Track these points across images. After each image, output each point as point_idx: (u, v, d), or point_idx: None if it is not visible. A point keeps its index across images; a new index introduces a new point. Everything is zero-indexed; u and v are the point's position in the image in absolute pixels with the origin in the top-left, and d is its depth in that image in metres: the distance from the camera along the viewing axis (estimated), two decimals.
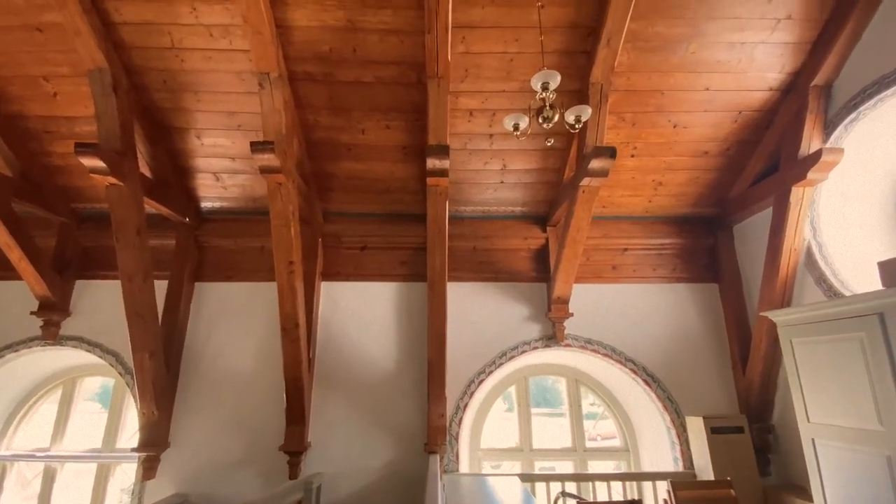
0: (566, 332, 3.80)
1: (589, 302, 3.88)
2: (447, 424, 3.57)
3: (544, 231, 3.92)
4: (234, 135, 3.31)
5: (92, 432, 4.12)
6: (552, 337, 3.81)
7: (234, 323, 3.77)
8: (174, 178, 3.57)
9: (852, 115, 2.85)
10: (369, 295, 3.87)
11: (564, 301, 3.73)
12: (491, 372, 3.77)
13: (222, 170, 3.55)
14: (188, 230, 3.79)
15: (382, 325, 3.81)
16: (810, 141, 3.04)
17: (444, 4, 2.55)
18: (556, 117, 2.25)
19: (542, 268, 3.96)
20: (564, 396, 4.27)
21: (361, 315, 3.82)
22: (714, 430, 3.29)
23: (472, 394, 3.72)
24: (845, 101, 2.89)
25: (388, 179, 3.60)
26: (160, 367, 3.40)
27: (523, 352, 3.81)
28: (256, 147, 2.72)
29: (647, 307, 3.89)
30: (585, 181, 2.99)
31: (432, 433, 3.45)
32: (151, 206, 3.42)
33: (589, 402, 4.36)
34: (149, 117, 3.24)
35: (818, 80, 2.96)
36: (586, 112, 2.29)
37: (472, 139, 3.39)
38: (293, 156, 3.11)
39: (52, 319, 3.69)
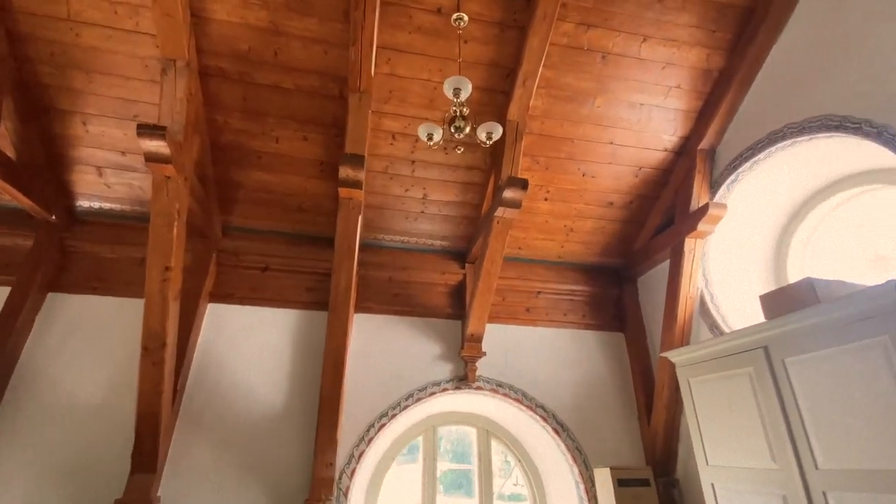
0: (478, 373, 3.60)
1: (502, 343, 3.75)
2: (336, 476, 3.08)
3: (463, 267, 3.85)
4: (127, 126, 3.00)
5: None
6: (463, 378, 3.58)
7: (89, 343, 3.14)
8: (47, 166, 3.10)
9: (732, 176, 3.20)
10: (264, 322, 3.45)
11: (478, 339, 3.57)
12: (395, 416, 3.40)
13: (108, 164, 3.15)
14: (53, 230, 3.24)
15: (275, 358, 3.37)
16: (699, 198, 3.34)
17: (369, 18, 2.60)
18: (468, 129, 2.26)
19: (458, 304, 3.82)
20: (474, 449, 3.94)
21: (251, 344, 3.37)
22: (621, 483, 3.13)
23: (370, 441, 3.29)
24: (726, 163, 3.26)
25: (301, 196, 3.39)
26: None
27: (432, 394, 3.51)
28: (144, 130, 2.44)
29: (558, 352, 3.83)
30: (500, 211, 3.00)
31: (316, 486, 2.95)
32: (7, 194, 2.90)
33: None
34: (26, 91, 2.85)
35: (704, 144, 3.34)
36: (497, 130, 2.33)
37: (393, 163, 3.34)
38: (191, 152, 2.84)
39: None
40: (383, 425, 3.34)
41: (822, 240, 3.13)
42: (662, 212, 3.69)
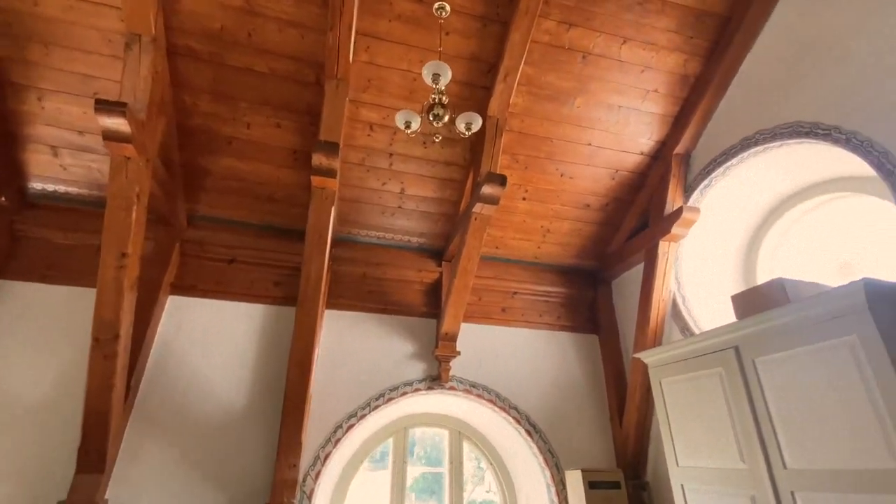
0: (452, 373, 3.53)
1: (477, 343, 3.70)
2: (300, 478, 2.95)
3: (439, 265, 3.78)
4: (86, 104, 2.82)
5: None
6: (437, 378, 3.49)
7: (37, 334, 2.92)
8: None
9: (706, 181, 3.24)
10: (229, 316, 3.29)
11: (452, 338, 3.51)
12: (364, 416, 3.29)
13: (64, 144, 2.96)
14: (2, 212, 3.01)
15: (239, 354, 3.21)
16: (673, 202, 3.38)
17: (348, 3, 2.53)
18: (447, 117, 2.21)
19: (433, 303, 3.75)
20: (446, 452, 3.86)
21: (214, 339, 3.20)
22: (592, 485, 3.10)
23: (337, 442, 3.17)
24: (700, 168, 3.30)
25: (273, 185, 3.27)
26: None
27: (404, 393, 3.42)
28: (103, 106, 2.29)
29: (533, 353, 3.80)
30: (477, 207, 2.95)
31: (278, 488, 2.81)
32: None
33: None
34: None
35: (679, 149, 3.38)
36: (476, 121, 2.29)
37: (370, 155, 3.26)
38: (155, 133, 2.70)
39: None
40: (352, 426, 3.22)
41: (791, 245, 3.19)
42: (637, 215, 3.72)
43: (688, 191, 3.37)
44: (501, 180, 2.84)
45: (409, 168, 3.35)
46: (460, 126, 2.27)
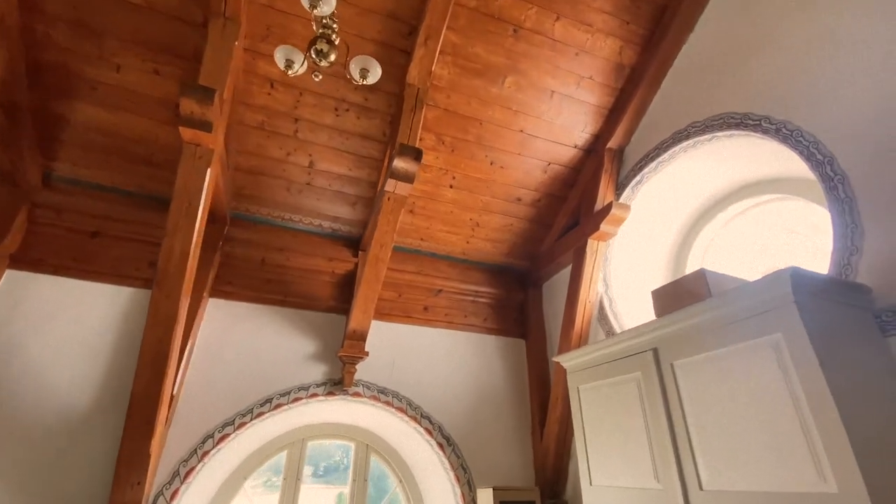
0: (357, 377, 3.10)
1: (392, 343, 3.30)
2: (147, 499, 2.40)
3: (355, 255, 3.37)
4: None
5: None
6: (339, 382, 3.06)
7: None
8: None
9: (637, 178, 3.06)
10: (86, 299, 2.72)
11: (361, 337, 3.09)
12: (244, 425, 2.79)
13: None
14: None
15: (92, 345, 2.65)
16: (604, 199, 3.17)
17: None
18: (333, 56, 1.85)
19: (344, 297, 3.33)
20: (350, 468, 3.39)
21: (62, 325, 2.62)
22: None
23: (205, 455, 2.65)
24: (633, 164, 3.12)
25: (150, 144, 2.77)
26: None
27: (297, 399, 2.95)
28: None
29: (454, 357, 3.45)
30: (390, 185, 2.60)
31: None
32: None
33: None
34: None
35: (612, 143, 3.19)
36: (375, 67, 1.95)
37: (271, 118, 2.84)
38: None
39: None
40: (226, 436, 2.71)
41: (721, 248, 3.05)
42: (569, 213, 3.49)
43: (619, 188, 3.17)
44: (416, 154, 2.51)
45: (319, 138, 2.95)
46: (354, 72, 1.92)
